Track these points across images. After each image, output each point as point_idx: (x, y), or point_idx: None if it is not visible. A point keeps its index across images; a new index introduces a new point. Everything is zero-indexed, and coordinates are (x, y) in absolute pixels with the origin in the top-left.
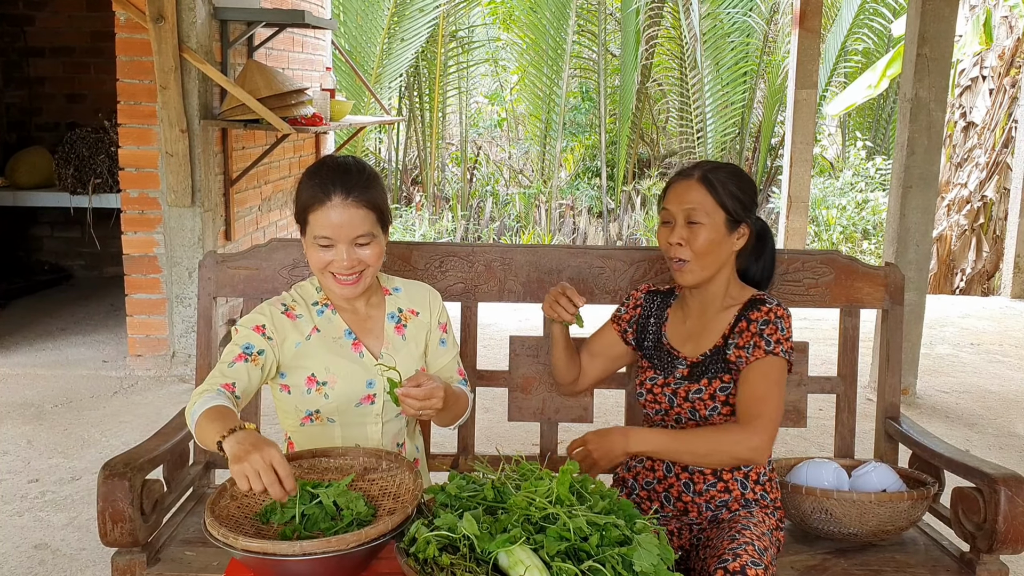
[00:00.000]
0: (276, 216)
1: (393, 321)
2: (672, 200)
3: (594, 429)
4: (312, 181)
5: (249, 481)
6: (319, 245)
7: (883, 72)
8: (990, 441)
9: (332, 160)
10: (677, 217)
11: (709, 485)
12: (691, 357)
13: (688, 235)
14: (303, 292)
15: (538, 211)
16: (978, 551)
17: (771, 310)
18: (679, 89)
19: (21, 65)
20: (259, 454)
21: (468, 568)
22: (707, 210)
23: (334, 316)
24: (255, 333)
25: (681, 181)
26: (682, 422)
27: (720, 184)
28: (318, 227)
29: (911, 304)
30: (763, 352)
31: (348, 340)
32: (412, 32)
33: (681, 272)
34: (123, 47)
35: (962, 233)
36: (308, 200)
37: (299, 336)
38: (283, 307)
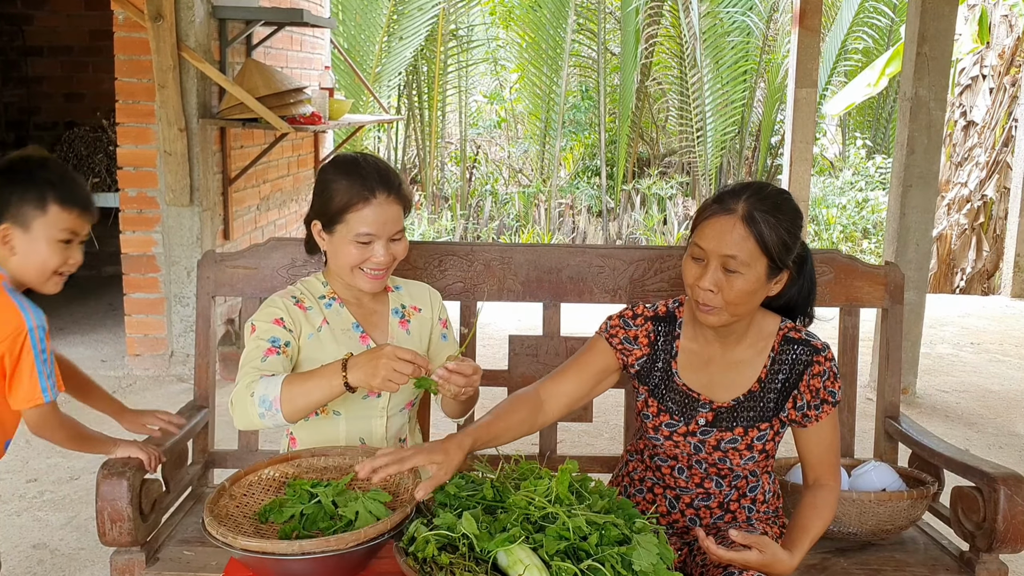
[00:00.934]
0: (275, 215)
1: (397, 316)
2: (708, 239)
3: (753, 553)
4: (350, 180)
5: (395, 381)
6: (358, 242)
7: (882, 70)
8: (990, 440)
9: (359, 159)
10: (711, 260)
11: (716, 518)
12: (718, 402)
13: (722, 283)
14: (309, 287)
15: (537, 210)
16: (977, 550)
17: (826, 359)
18: (679, 88)
19: (19, 64)
20: (385, 359)
21: (467, 567)
22: (748, 260)
23: (342, 309)
24: (276, 326)
25: (721, 217)
26: (703, 467)
27: (767, 227)
28: (360, 225)
29: (911, 303)
30: (831, 407)
31: (356, 333)
32: (411, 30)
33: (706, 316)
34: (121, 46)
35: (962, 232)
36: (349, 199)
37: (311, 328)
38: (293, 299)
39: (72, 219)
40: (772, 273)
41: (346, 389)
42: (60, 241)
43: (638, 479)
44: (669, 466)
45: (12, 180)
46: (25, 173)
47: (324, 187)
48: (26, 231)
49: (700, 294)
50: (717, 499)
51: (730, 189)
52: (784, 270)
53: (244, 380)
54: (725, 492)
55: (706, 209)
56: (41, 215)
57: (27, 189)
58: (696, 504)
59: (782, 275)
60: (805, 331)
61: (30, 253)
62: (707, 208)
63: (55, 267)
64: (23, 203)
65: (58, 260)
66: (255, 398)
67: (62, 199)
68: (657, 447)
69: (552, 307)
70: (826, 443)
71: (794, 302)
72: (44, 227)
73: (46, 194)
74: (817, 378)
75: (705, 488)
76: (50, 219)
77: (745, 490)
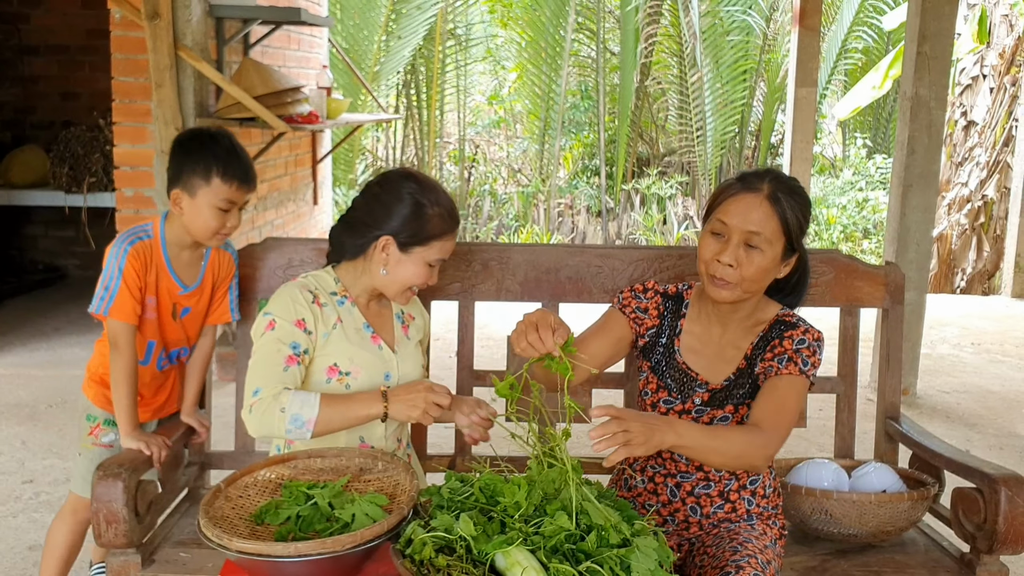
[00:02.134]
0: (272, 215)
1: (399, 321)
2: (733, 215)
3: (631, 409)
4: (441, 210)
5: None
6: (428, 265)
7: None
8: (990, 441)
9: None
10: (733, 235)
11: (716, 507)
12: (713, 383)
13: (742, 259)
14: (321, 282)
15: (536, 210)
16: (978, 552)
17: (808, 331)
18: (678, 87)
19: (16, 63)
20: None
21: (465, 570)
22: (770, 236)
23: (353, 308)
24: (298, 330)
25: (746, 195)
26: None
27: (790, 208)
28: (439, 252)
29: (911, 304)
30: (797, 371)
31: (367, 332)
32: (410, 29)
33: (719, 291)
34: (118, 45)
35: (962, 232)
36: (443, 229)
37: (326, 327)
38: (310, 295)
39: (231, 191)
40: (786, 254)
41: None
42: (219, 208)
43: (639, 468)
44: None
45: (187, 151)
46: (198, 145)
47: (418, 211)
48: (192, 197)
49: (718, 268)
50: (717, 487)
51: (752, 171)
52: (796, 253)
53: (270, 390)
54: (725, 480)
55: (729, 188)
56: (205, 185)
57: (197, 161)
58: (696, 492)
59: (792, 258)
60: (799, 316)
61: (195, 216)
62: (730, 187)
63: (215, 229)
64: (193, 173)
65: (217, 224)
66: (286, 414)
67: (224, 172)
68: None
69: (551, 307)
70: (779, 401)
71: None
72: (207, 195)
73: (211, 167)
74: (790, 340)
75: (705, 472)
76: (212, 189)
77: (745, 481)
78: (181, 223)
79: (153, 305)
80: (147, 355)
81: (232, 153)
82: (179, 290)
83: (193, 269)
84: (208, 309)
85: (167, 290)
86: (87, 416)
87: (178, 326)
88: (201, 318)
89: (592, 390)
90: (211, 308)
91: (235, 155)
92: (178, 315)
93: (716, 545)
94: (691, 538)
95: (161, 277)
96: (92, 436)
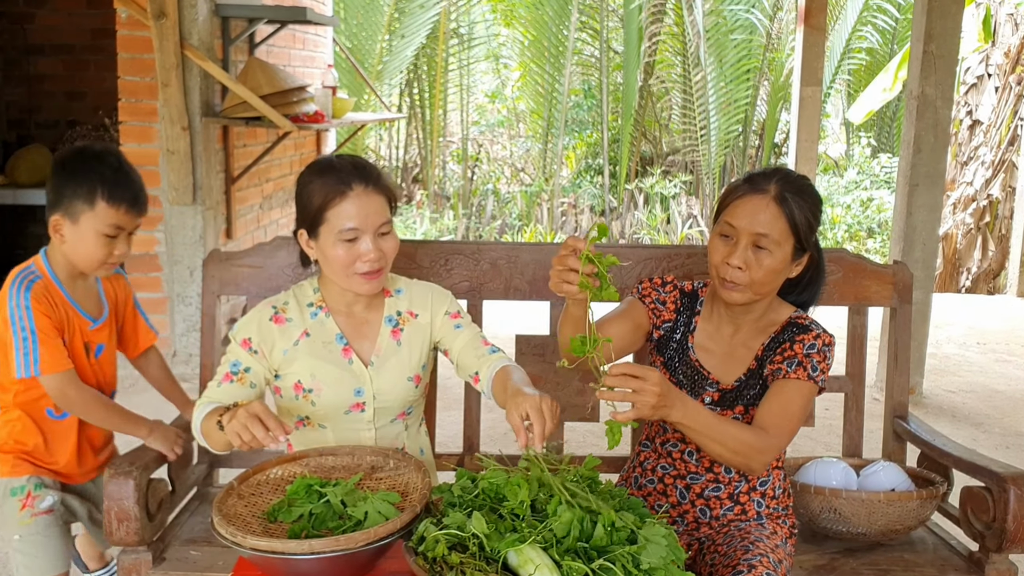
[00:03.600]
0: (277, 214)
1: (390, 325)
2: (740, 217)
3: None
4: (324, 179)
5: (240, 436)
6: (344, 240)
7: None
8: (997, 441)
9: (333, 159)
10: (741, 238)
11: (726, 509)
12: (724, 383)
13: (751, 261)
14: (300, 292)
15: (540, 209)
16: (987, 550)
17: (820, 336)
18: (682, 86)
19: (21, 63)
20: (244, 410)
21: (478, 567)
22: (778, 238)
23: (327, 319)
24: (242, 349)
25: (754, 196)
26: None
27: (798, 208)
28: (343, 220)
29: (917, 303)
30: (806, 375)
31: (339, 345)
32: (413, 29)
33: (730, 293)
34: (124, 44)
35: (968, 232)
36: (326, 196)
37: (286, 343)
38: (273, 310)
39: (118, 215)
40: (796, 254)
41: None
42: (105, 235)
43: (650, 468)
44: (679, 450)
45: (70, 172)
46: (80, 165)
47: (302, 191)
48: (75, 223)
49: (728, 271)
50: (727, 489)
51: (759, 172)
52: (806, 252)
53: (200, 402)
54: (735, 482)
55: (736, 189)
56: (89, 210)
57: (80, 183)
58: (706, 495)
59: (803, 258)
60: (811, 320)
61: (77, 243)
62: (737, 188)
63: (101, 259)
64: (75, 197)
65: (103, 253)
66: (194, 430)
67: (110, 195)
68: (667, 429)
69: (559, 307)
70: (784, 405)
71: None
72: (91, 221)
73: (95, 190)
74: (801, 345)
75: (715, 473)
76: (97, 214)
77: (755, 483)
78: (63, 252)
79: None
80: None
81: (120, 173)
82: (88, 324)
83: (92, 299)
84: (122, 339)
85: (78, 328)
86: (10, 492)
87: (95, 368)
88: (113, 357)
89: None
90: (126, 336)
91: (123, 175)
92: (92, 354)
93: (727, 543)
94: (701, 538)
95: (69, 314)
96: (27, 509)
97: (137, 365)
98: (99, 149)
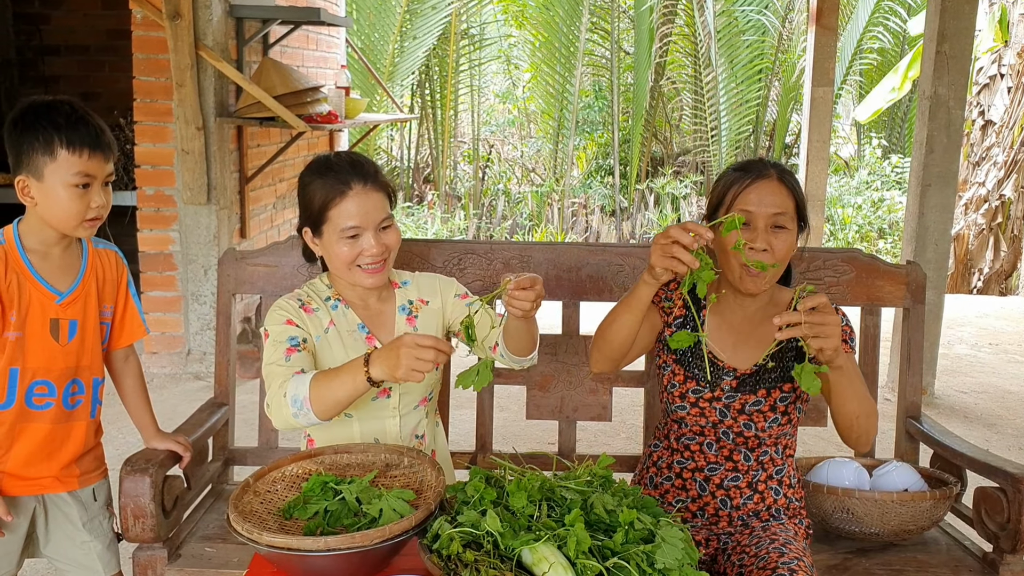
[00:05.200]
0: (290, 214)
1: (404, 313)
2: (754, 202)
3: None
4: (324, 179)
5: (419, 368)
6: (345, 238)
7: (904, 74)
8: (1009, 442)
9: (331, 157)
10: (759, 221)
11: (746, 499)
12: (741, 368)
13: (773, 241)
14: (314, 289)
15: (550, 209)
16: (1001, 551)
17: (836, 308)
18: (693, 87)
19: (37, 63)
20: (407, 349)
21: (492, 564)
22: (791, 214)
23: (347, 311)
24: (290, 327)
25: (761, 181)
26: (730, 437)
27: (797, 186)
28: (344, 218)
29: (929, 304)
30: (849, 347)
31: (362, 334)
32: (424, 30)
33: (755, 281)
34: (139, 45)
35: (980, 232)
36: (327, 196)
37: (318, 330)
38: (299, 302)
39: (82, 162)
40: (800, 231)
41: (370, 384)
42: (75, 186)
43: (665, 466)
44: (697, 443)
45: (22, 128)
46: (32, 118)
47: (303, 191)
48: (40, 180)
49: (752, 256)
50: (746, 478)
51: (750, 161)
52: (806, 227)
53: (276, 381)
54: (753, 470)
55: (739, 180)
56: (51, 161)
57: (35, 136)
58: (726, 484)
59: (804, 232)
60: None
61: (48, 202)
62: (739, 179)
63: (78, 212)
64: (32, 151)
65: (78, 206)
66: (287, 398)
67: (68, 142)
68: (684, 424)
69: (571, 306)
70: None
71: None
72: (56, 173)
73: (52, 139)
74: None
75: (734, 462)
76: (60, 164)
77: (772, 471)
78: (38, 217)
79: (18, 322)
80: (10, 389)
81: (75, 117)
82: (53, 298)
83: (67, 273)
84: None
85: (37, 301)
86: None
87: (65, 352)
88: (94, 341)
89: (612, 388)
90: (115, 325)
91: (80, 120)
92: (63, 334)
93: (756, 545)
94: (720, 533)
95: (24, 285)
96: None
97: (110, 367)
98: (49, 100)
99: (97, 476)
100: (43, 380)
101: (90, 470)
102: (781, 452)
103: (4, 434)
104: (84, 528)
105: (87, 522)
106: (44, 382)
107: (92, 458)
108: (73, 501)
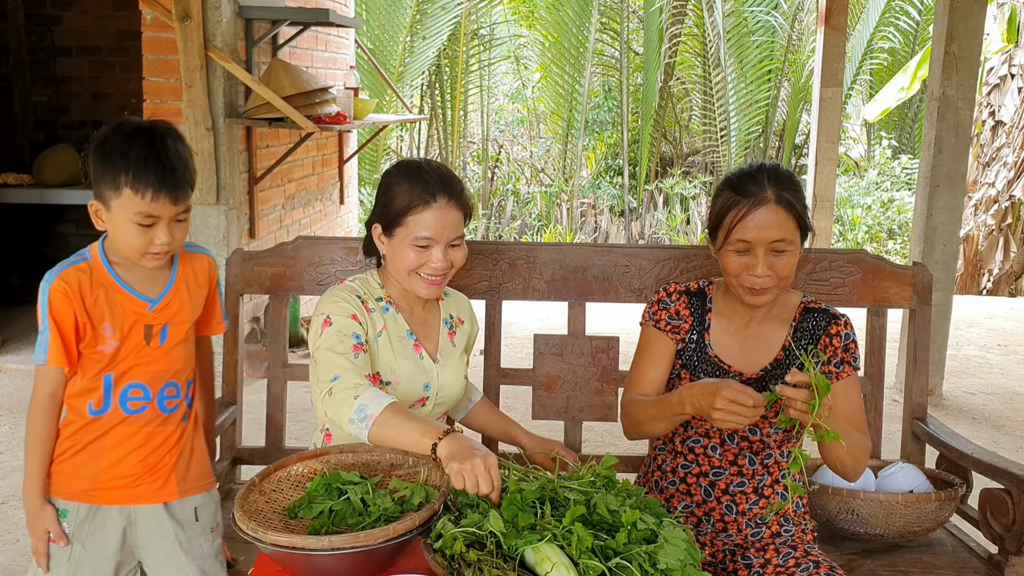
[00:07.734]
0: (299, 214)
1: (447, 327)
2: (751, 231)
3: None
4: (412, 184)
5: (466, 482)
6: (417, 246)
7: (914, 74)
8: (1018, 443)
9: (423, 164)
10: (758, 249)
11: (752, 504)
12: (747, 373)
13: (775, 264)
14: (367, 287)
15: (559, 210)
16: (1007, 553)
17: (845, 323)
18: (702, 87)
19: (48, 64)
20: (481, 460)
21: (495, 564)
22: (792, 237)
23: (397, 315)
24: (355, 322)
25: (757, 209)
26: (735, 442)
27: (795, 200)
28: (420, 228)
29: (937, 304)
30: (852, 369)
31: (410, 341)
32: (434, 30)
33: (759, 297)
34: (149, 45)
35: (989, 233)
36: (410, 202)
37: (373, 331)
38: (359, 300)
39: (144, 203)
40: (803, 240)
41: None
42: (138, 224)
43: (670, 470)
44: (702, 446)
45: (99, 155)
46: (109, 148)
47: (387, 190)
48: (108, 210)
49: (754, 281)
50: (751, 483)
51: (746, 176)
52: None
53: (351, 378)
54: (759, 475)
55: (734, 205)
56: (116, 196)
57: (106, 168)
58: (731, 489)
59: (808, 237)
60: (822, 303)
61: (115, 232)
62: (734, 203)
63: (138, 248)
64: (102, 182)
65: (139, 242)
66: (357, 402)
67: (134, 180)
68: (689, 428)
69: (577, 306)
70: (854, 403)
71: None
72: (120, 208)
73: (119, 175)
74: (837, 338)
75: (739, 466)
76: (124, 201)
77: (777, 475)
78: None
79: (111, 335)
80: (106, 395)
81: (148, 155)
82: (144, 305)
83: (157, 280)
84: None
85: (130, 310)
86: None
87: (158, 355)
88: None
89: (618, 389)
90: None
91: (152, 157)
92: (155, 337)
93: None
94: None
95: (113, 297)
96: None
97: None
98: (132, 126)
99: (199, 488)
100: (138, 383)
101: (190, 479)
102: (786, 456)
103: (102, 440)
104: (181, 549)
105: (185, 543)
106: (139, 385)
107: (193, 465)
108: (169, 517)
